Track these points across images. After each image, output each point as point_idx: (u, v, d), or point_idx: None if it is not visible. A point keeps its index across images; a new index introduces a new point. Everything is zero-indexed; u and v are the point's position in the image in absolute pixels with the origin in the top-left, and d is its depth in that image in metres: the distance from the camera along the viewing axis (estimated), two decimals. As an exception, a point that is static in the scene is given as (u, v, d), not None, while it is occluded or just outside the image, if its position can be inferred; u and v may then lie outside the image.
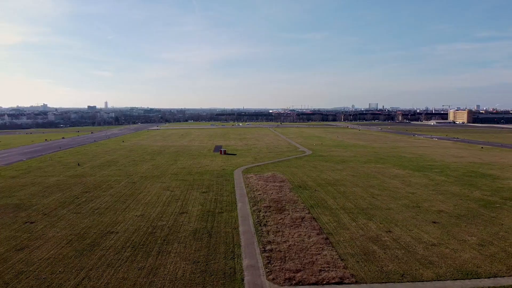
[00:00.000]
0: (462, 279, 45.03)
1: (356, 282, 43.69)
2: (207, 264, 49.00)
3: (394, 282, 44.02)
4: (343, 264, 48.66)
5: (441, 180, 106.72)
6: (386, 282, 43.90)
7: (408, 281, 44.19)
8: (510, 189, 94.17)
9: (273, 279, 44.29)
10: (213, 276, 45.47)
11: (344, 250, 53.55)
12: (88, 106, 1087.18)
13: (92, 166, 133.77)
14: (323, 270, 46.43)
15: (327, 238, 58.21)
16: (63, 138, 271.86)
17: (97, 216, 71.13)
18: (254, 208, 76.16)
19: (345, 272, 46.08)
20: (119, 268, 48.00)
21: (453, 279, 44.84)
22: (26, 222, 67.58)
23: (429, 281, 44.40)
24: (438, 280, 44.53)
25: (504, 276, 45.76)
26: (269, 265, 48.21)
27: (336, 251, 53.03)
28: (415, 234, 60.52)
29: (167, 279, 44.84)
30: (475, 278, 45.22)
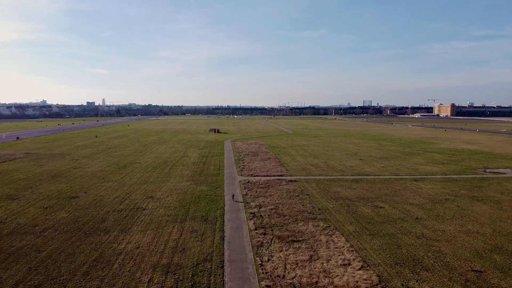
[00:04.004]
0: (356, 175, 73.68)
1: (290, 175, 72.44)
2: (202, 171, 77.68)
3: (313, 176, 72.74)
4: (286, 171, 77.38)
5: (387, 144, 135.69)
6: (308, 176, 72.63)
7: (322, 176, 72.89)
8: (435, 148, 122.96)
9: (241, 175, 72.96)
10: (205, 175, 74.11)
11: (290, 167, 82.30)
12: (87, 102, 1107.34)
13: (108, 138, 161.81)
14: (272, 173, 75.10)
15: (282, 165, 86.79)
16: (73, 123, 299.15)
17: (123, 158, 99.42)
18: (236, 154, 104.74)
19: (286, 173, 74.80)
20: (145, 173, 76.43)
21: (350, 175, 73.52)
22: (72, 159, 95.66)
23: (335, 176, 73.08)
24: (341, 176, 73.16)
25: (384, 176, 74.31)
26: (241, 171, 76.91)
27: (285, 168, 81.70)
28: (342, 163, 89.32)
29: (177, 175, 73.39)
30: (365, 176, 73.77)
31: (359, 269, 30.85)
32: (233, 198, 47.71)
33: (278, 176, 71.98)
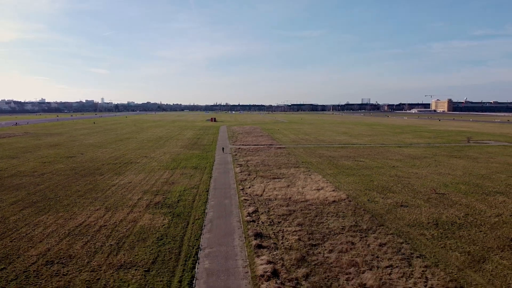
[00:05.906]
0: (343, 144, 76.49)
1: (280, 144, 75.21)
2: (196, 142, 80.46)
3: (302, 145, 75.53)
4: (277, 143, 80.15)
5: (379, 128, 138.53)
6: (297, 145, 75.41)
7: (310, 145, 75.68)
8: (425, 130, 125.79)
9: (233, 145, 75.74)
10: (199, 145, 76.89)
11: (281, 141, 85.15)
12: (86, 100, 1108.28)
13: (105, 124, 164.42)
14: (263, 144, 77.86)
15: (273, 139, 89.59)
16: (71, 116, 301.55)
17: (119, 135, 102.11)
18: (231, 133, 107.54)
19: (276, 144, 77.55)
20: (141, 144, 79.16)
21: (338, 144, 76.34)
22: (70, 136, 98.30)
23: (323, 144, 75.89)
24: (329, 145, 75.96)
25: (370, 144, 77.03)
26: (233, 143, 79.79)
27: (276, 141, 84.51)
28: (332, 138, 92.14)
29: (171, 145, 76.16)
30: (351, 144, 76.59)
31: (331, 191, 33.71)
32: (223, 150, 50.41)
33: (268, 145, 74.84)
